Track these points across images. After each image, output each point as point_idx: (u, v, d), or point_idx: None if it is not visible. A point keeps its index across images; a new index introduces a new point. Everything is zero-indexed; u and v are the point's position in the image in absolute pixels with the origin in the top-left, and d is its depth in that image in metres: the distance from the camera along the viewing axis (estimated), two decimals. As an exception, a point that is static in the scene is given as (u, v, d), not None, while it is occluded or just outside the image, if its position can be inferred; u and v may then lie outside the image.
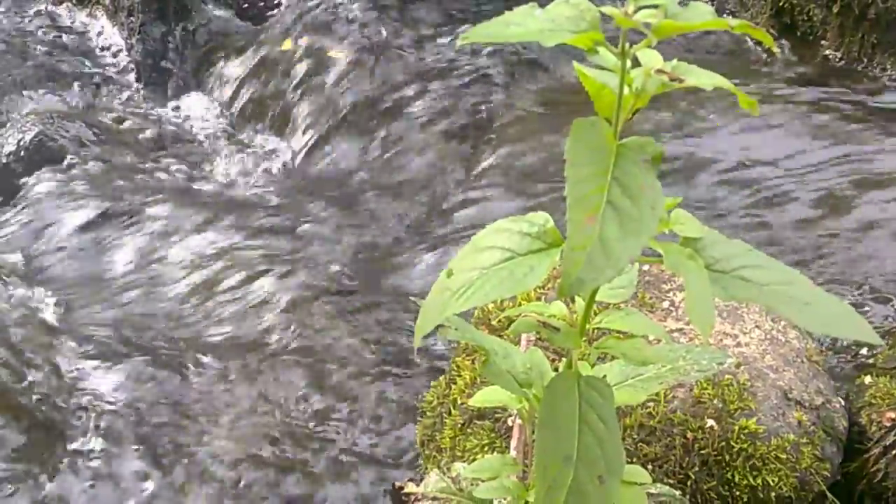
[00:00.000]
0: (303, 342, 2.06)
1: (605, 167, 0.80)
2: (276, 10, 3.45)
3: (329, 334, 2.07)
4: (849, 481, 1.52)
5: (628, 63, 0.82)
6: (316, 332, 2.08)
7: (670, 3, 0.77)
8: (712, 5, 3.20)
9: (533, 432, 1.13)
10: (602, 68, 0.86)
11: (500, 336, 1.56)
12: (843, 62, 2.85)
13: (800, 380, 1.51)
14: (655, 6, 0.76)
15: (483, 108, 2.72)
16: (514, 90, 2.78)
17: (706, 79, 0.83)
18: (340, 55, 2.99)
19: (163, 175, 2.72)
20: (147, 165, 2.75)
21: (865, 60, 2.80)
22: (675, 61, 0.86)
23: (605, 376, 1.13)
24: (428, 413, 1.63)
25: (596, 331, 1.09)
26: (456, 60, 2.84)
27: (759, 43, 2.99)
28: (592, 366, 1.12)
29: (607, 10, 0.78)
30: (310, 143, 2.82)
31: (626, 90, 0.85)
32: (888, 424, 1.50)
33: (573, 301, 1.03)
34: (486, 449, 1.48)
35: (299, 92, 2.95)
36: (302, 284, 2.22)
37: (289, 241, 2.39)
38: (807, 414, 1.47)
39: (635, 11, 0.76)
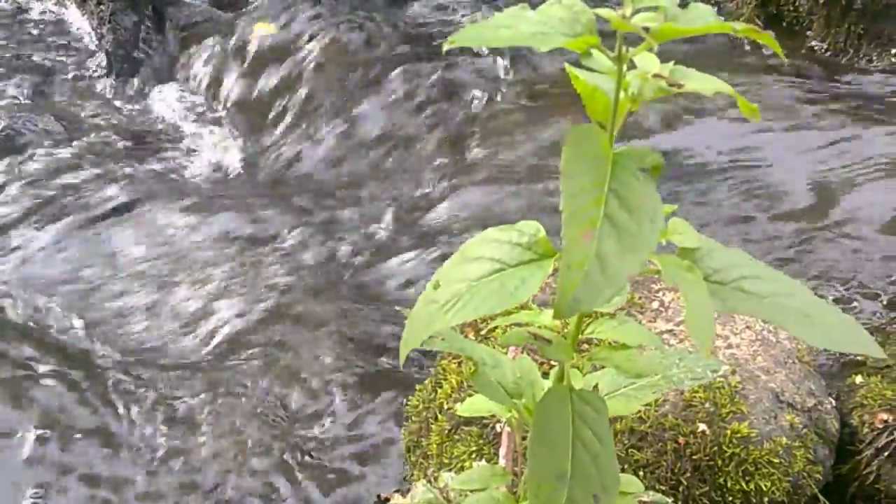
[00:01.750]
0: (283, 346, 2.01)
1: (601, 178, 0.76)
2: (252, -2, 3.37)
3: (311, 337, 2.02)
4: (841, 484, 1.51)
5: (624, 67, 0.77)
6: (297, 335, 2.04)
7: (670, 4, 0.72)
8: (697, -6, 3.17)
9: (524, 439, 1.09)
10: (597, 71, 0.82)
11: (488, 340, 1.52)
12: (829, 53, 2.83)
13: (791, 381, 1.49)
14: (654, 8, 0.72)
15: (468, 101, 2.68)
16: (500, 82, 2.73)
17: (706, 84, 0.79)
18: (320, 44, 2.93)
19: (134, 168, 2.65)
20: (118, 158, 2.68)
21: (851, 51, 2.78)
22: (671, 64, 0.82)
23: (597, 386, 1.10)
24: (413, 418, 1.59)
25: (587, 337, 1.06)
26: (440, 51, 2.78)
27: (744, 32, 2.96)
28: (585, 374, 1.09)
29: (603, 12, 0.73)
30: (287, 135, 2.76)
31: (621, 95, 0.81)
32: (880, 426, 1.48)
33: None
34: (473, 456, 1.44)
35: (277, 82, 2.89)
36: (282, 284, 2.17)
37: (268, 238, 2.33)
38: (799, 416, 1.45)
39: (633, 14, 0.72)
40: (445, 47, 0.76)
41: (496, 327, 1.00)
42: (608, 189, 0.75)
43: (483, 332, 1.54)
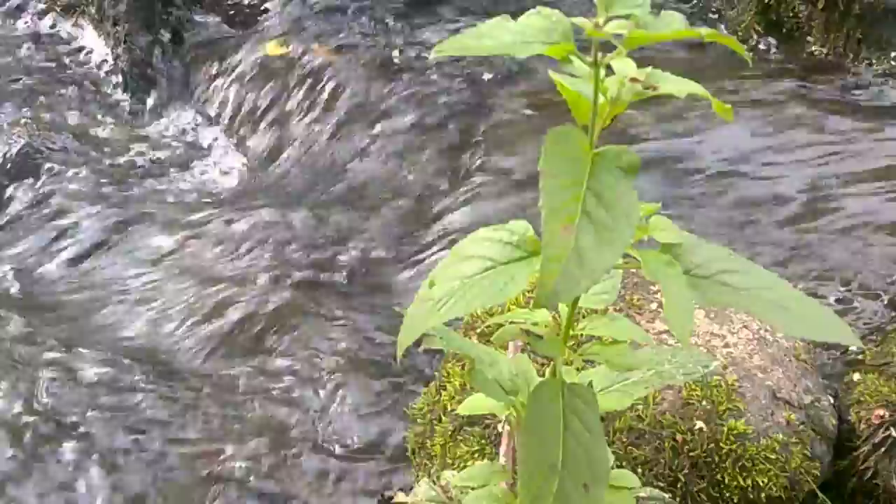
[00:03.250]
0: (288, 350, 2.06)
1: (580, 177, 0.80)
2: (263, 16, 3.44)
3: (315, 342, 2.06)
4: (839, 480, 1.53)
5: (602, 72, 0.82)
6: (304, 339, 2.08)
7: (641, 12, 0.77)
8: (698, 3, 3.21)
9: (522, 439, 1.13)
10: (577, 77, 0.86)
11: (489, 342, 1.56)
12: (829, 58, 2.85)
13: (788, 379, 1.51)
14: (626, 16, 0.76)
15: (471, 110, 2.72)
16: (502, 92, 2.78)
17: (680, 86, 0.83)
18: (328, 60, 2.99)
19: (150, 185, 2.71)
20: (134, 176, 2.74)
21: (851, 56, 2.81)
22: (649, 68, 0.86)
23: (590, 382, 1.13)
24: (419, 420, 1.63)
25: (582, 336, 1.09)
26: (443, 64, 2.84)
27: (745, 39, 2.99)
28: (579, 370, 1.12)
29: (578, 21, 0.78)
30: (298, 150, 2.82)
31: (601, 98, 0.85)
32: (877, 422, 1.50)
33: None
34: (476, 456, 1.48)
35: (287, 98, 2.95)
36: (288, 293, 2.21)
37: (276, 249, 2.38)
38: (795, 413, 1.47)
39: (606, 22, 0.76)
40: (431, 57, 0.80)
41: (500, 325, 1.03)
42: (586, 187, 0.79)
43: (479, 331, 1.58)
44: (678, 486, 1.40)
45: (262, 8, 3.45)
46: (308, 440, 1.84)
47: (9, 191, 2.64)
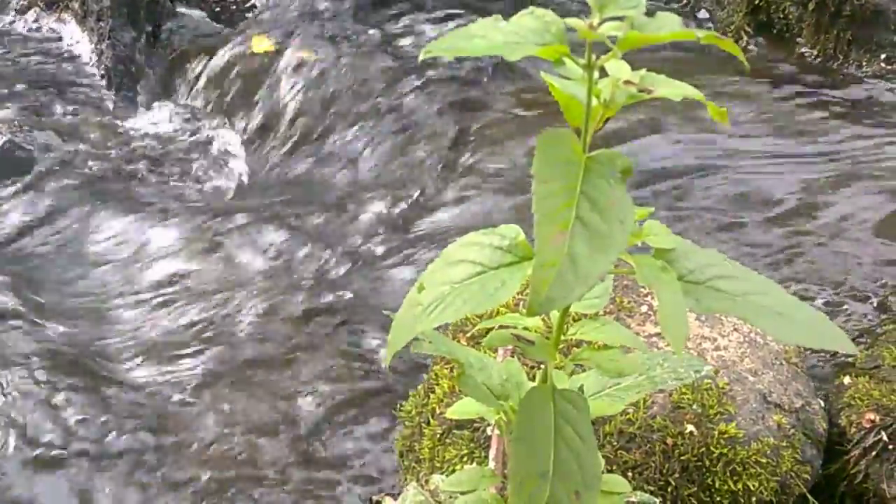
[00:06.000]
0: (276, 353, 2.04)
1: (573, 182, 0.78)
2: (249, 13, 3.42)
3: (304, 344, 2.05)
4: (830, 483, 1.53)
5: (595, 74, 0.80)
6: (291, 342, 2.06)
7: (636, 14, 0.75)
8: (688, 4, 3.21)
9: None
10: (570, 79, 0.84)
11: (478, 345, 1.55)
12: (819, 59, 2.86)
13: (779, 382, 1.51)
14: (621, 18, 0.75)
15: (461, 110, 2.71)
16: (493, 92, 2.76)
17: (675, 89, 0.81)
18: (315, 57, 2.96)
19: (134, 182, 2.68)
20: (118, 173, 2.71)
21: (841, 57, 2.82)
22: (643, 71, 0.84)
23: (581, 387, 1.12)
24: (407, 423, 1.62)
25: (573, 340, 1.08)
26: (433, 63, 2.82)
27: (735, 41, 2.99)
28: (570, 375, 1.11)
29: (572, 21, 0.76)
30: (283, 148, 2.80)
31: (594, 101, 0.83)
32: (867, 426, 1.50)
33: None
34: (465, 459, 1.46)
35: (273, 96, 2.92)
36: (277, 294, 2.20)
37: (262, 249, 2.36)
38: (786, 417, 1.47)
39: (600, 23, 0.74)
40: (421, 56, 0.78)
41: (490, 328, 1.02)
42: (580, 192, 0.77)
43: (468, 334, 1.56)
44: (668, 490, 1.39)
45: (248, 4, 3.42)
46: (294, 442, 1.82)
47: (-9, 187, 2.60)
